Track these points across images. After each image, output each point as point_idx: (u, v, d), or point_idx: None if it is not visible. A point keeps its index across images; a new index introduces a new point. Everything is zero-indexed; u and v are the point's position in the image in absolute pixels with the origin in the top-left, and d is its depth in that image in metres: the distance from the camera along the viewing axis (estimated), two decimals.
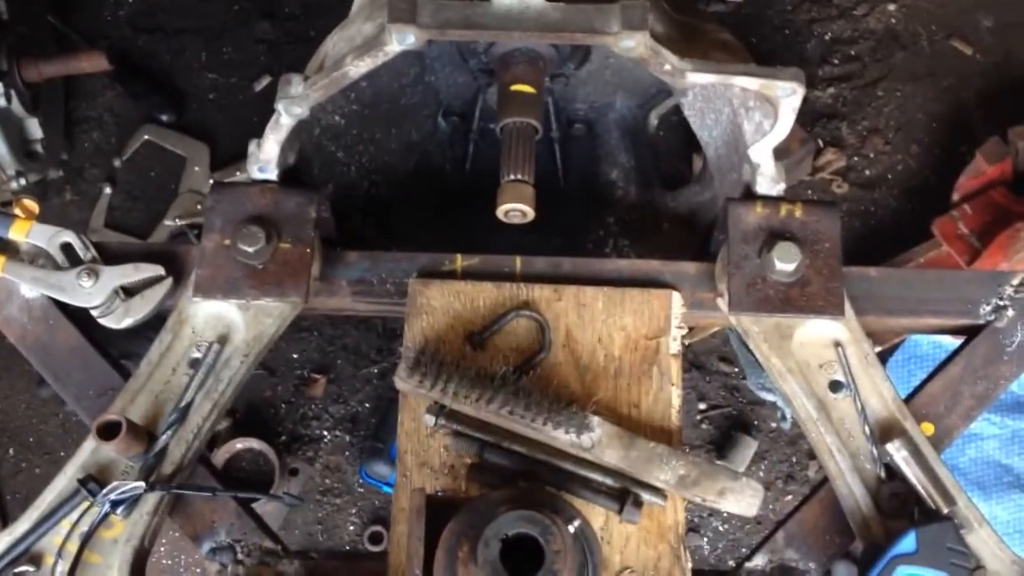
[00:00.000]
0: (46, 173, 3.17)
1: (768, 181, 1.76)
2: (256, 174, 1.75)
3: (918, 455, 1.57)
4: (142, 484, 1.54)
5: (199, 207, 3.18)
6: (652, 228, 2.32)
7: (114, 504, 1.54)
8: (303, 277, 1.70)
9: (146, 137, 3.29)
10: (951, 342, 1.85)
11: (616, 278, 1.79)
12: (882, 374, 1.67)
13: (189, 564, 2.96)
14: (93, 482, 1.54)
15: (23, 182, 3.03)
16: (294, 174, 1.81)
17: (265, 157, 1.73)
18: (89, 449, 1.60)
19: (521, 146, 1.88)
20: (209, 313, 1.70)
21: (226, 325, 1.70)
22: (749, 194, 1.78)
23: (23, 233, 1.71)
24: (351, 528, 3.03)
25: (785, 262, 1.67)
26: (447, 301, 1.74)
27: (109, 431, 1.52)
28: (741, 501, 1.60)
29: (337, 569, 1.70)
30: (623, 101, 2.34)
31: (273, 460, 3.01)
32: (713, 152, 2.01)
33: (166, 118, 3.31)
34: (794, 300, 1.68)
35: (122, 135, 3.32)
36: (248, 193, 1.74)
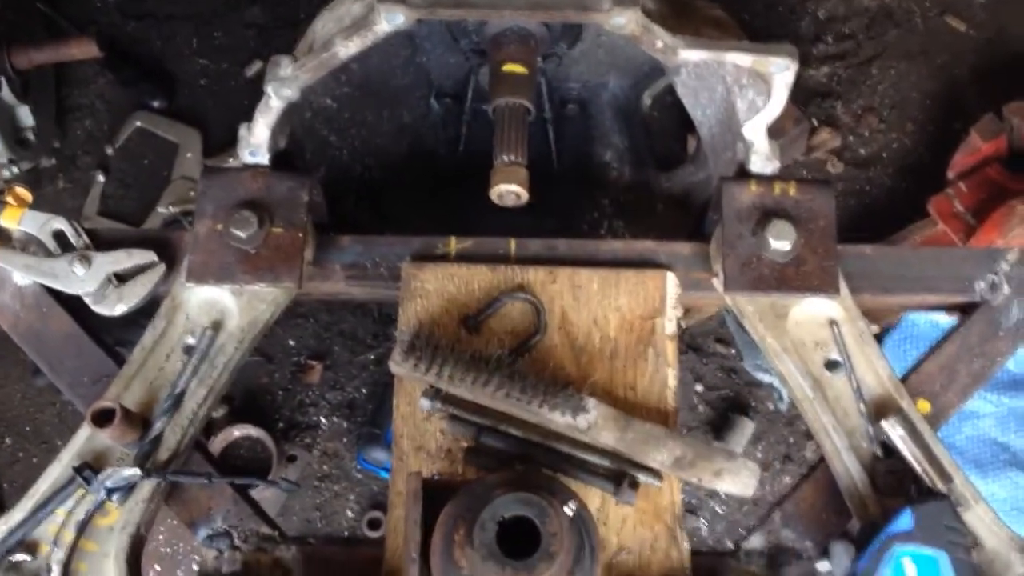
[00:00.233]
0: (38, 161, 3.16)
1: (762, 160, 1.75)
2: (247, 158, 1.74)
3: (914, 433, 1.57)
4: (138, 471, 1.54)
5: (192, 194, 3.15)
6: (646, 209, 2.31)
7: (110, 491, 1.53)
8: (296, 262, 1.69)
9: (138, 124, 3.27)
10: (947, 321, 1.85)
11: (611, 259, 1.78)
12: (878, 352, 1.67)
13: (187, 551, 2.95)
14: (88, 469, 1.54)
15: (15, 170, 3.02)
16: (286, 158, 1.80)
17: (256, 141, 1.72)
18: (84, 436, 1.59)
19: (514, 127, 1.88)
20: (202, 299, 1.70)
21: (220, 311, 1.69)
22: (743, 173, 1.77)
23: (15, 221, 1.71)
24: (349, 514, 3.03)
25: (780, 241, 1.66)
26: (441, 284, 1.74)
27: (104, 418, 1.52)
28: (737, 481, 1.60)
29: (335, 554, 1.70)
30: (616, 81, 2.33)
31: (271, 447, 3.01)
32: (707, 131, 2.00)
33: (157, 104, 3.29)
34: (789, 279, 1.68)
35: (114, 122, 3.30)
36: (240, 178, 1.73)
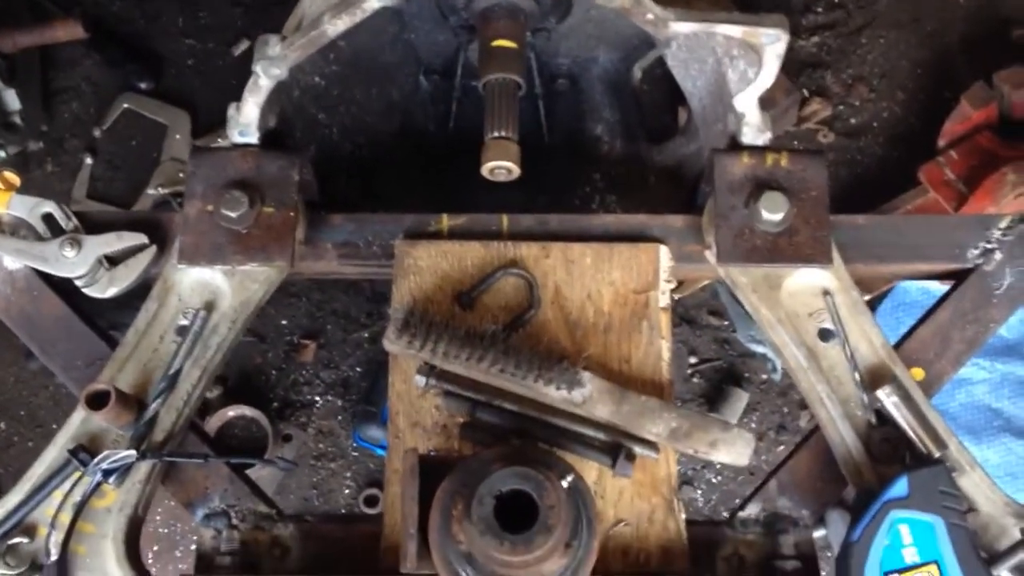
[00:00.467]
0: (26, 145, 3.14)
1: (754, 131, 1.74)
2: (237, 138, 1.73)
3: (908, 400, 1.58)
4: (133, 452, 1.54)
5: (181, 175, 3.14)
6: (638, 182, 2.31)
7: (106, 473, 1.53)
8: (288, 241, 1.69)
9: (125, 106, 3.26)
10: (939, 288, 1.85)
11: (603, 234, 1.78)
12: (871, 321, 1.67)
13: (185, 532, 2.97)
14: (84, 452, 1.54)
15: (2, 154, 3.01)
16: (275, 137, 1.79)
17: (245, 120, 1.71)
18: (79, 419, 1.59)
19: (504, 103, 1.87)
20: (195, 280, 1.69)
21: (212, 291, 1.69)
22: (735, 145, 1.76)
23: (3, 205, 1.70)
24: (346, 491, 3.04)
25: (772, 212, 1.66)
26: (434, 261, 1.73)
27: (98, 401, 1.51)
28: (733, 451, 1.60)
29: (333, 532, 1.70)
30: (606, 55, 2.31)
31: (266, 426, 3.01)
32: (698, 103, 1.99)
33: (144, 85, 3.27)
34: (782, 250, 1.68)
35: (101, 104, 3.28)
36: (229, 158, 1.72)
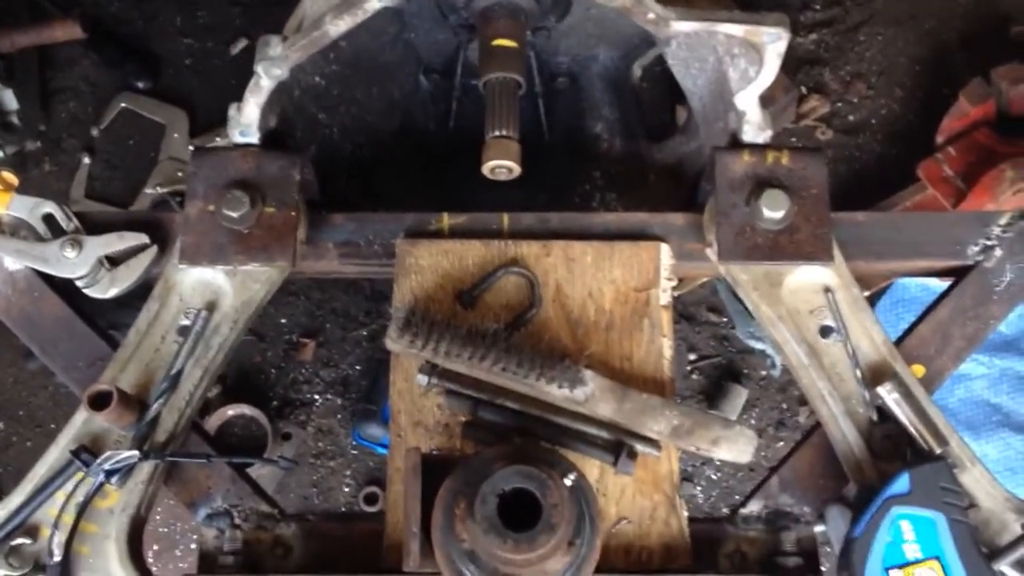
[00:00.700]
0: (23, 144, 3.14)
1: (754, 129, 1.75)
2: (238, 138, 1.73)
3: (909, 397, 1.58)
4: (136, 453, 1.54)
5: (179, 174, 3.14)
6: (638, 180, 2.31)
7: (108, 474, 1.53)
8: (289, 241, 1.69)
9: (123, 105, 3.25)
10: (938, 284, 1.85)
11: (604, 232, 1.79)
12: (872, 318, 1.67)
13: (185, 531, 2.97)
14: (86, 452, 1.54)
15: (0, 154, 3.00)
16: (276, 137, 1.79)
17: (246, 120, 1.71)
18: (81, 420, 1.59)
19: (505, 102, 1.87)
20: (196, 280, 1.69)
21: (214, 291, 1.69)
22: (735, 143, 1.76)
23: (3, 205, 1.70)
24: (346, 490, 3.04)
25: (773, 210, 1.66)
26: (435, 260, 1.73)
27: (100, 401, 1.51)
28: (735, 448, 1.61)
29: (334, 530, 1.70)
30: (606, 53, 2.31)
31: (265, 425, 3.02)
32: (698, 101, 1.99)
33: (142, 85, 3.27)
34: (783, 247, 1.68)
35: (99, 104, 3.28)
36: (230, 158, 1.72)
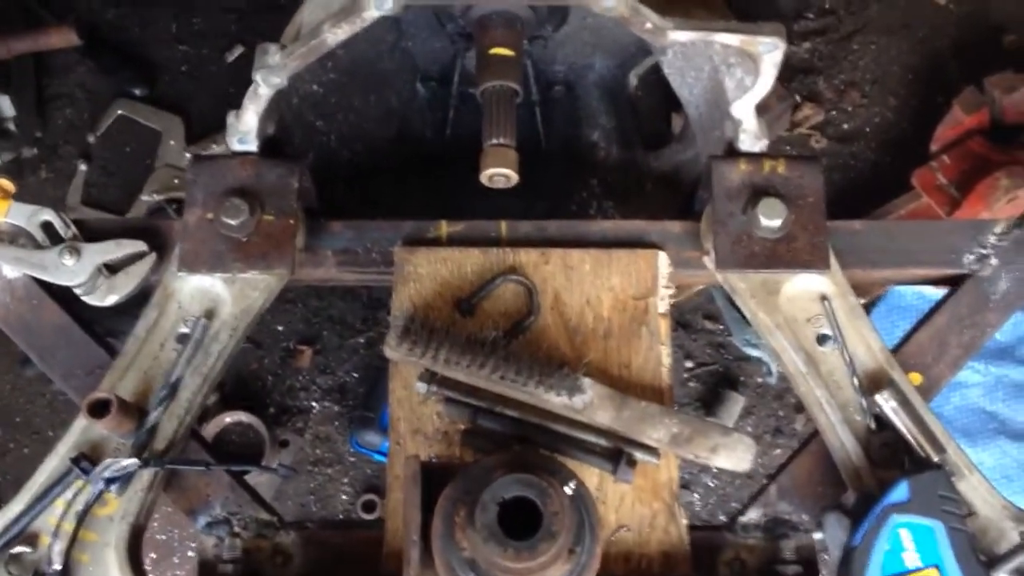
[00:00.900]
0: (20, 151, 3.14)
1: (751, 138, 1.76)
2: (236, 146, 1.73)
3: (907, 405, 1.58)
4: (136, 461, 1.54)
5: (176, 181, 3.14)
6: (635, 188, 2.32)
7: (108, 481, 1.53)
8: (288, 249, 1.69)
9: (119, 112, 3.25)
10: (934, 292, 1.86)
11: (602, 240, 1.79)
12: (869, 326, 1.68)
13: (183, 538, 2.96)
14: (86, 460, 1.54)
15: None
16: (274, 145, 1.79)
17: (244, 128, 1.71)
18: (80, 428, 1.59)
19: (502, 110, 1.88)
20: (195, 288, 1.69)
21: (212, 299, 1.69)
22: (732, 151, 1.77)
23: (1, 213, 1.69)
24: (344, 497, 3.04)
25: (770, 218, 1.67)
26: (434, 268, 1.74)
27: (99, 409, 1.51)
28: (734, 456, 1.61)
29: (333, 538, 1.70)
30: (602, 62, 2.32)
31: (263, 432, 3.01)
32: (694, 110, 2.00)
33: (138, 92, 3.27)
34: (780, 255, 1.69)
35: (95, 111, 3.27)
36: (229, 165, 1.73)
